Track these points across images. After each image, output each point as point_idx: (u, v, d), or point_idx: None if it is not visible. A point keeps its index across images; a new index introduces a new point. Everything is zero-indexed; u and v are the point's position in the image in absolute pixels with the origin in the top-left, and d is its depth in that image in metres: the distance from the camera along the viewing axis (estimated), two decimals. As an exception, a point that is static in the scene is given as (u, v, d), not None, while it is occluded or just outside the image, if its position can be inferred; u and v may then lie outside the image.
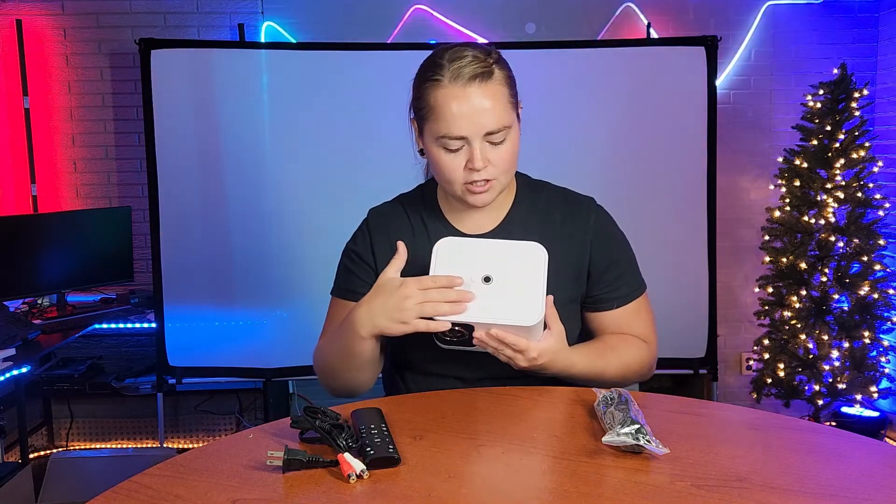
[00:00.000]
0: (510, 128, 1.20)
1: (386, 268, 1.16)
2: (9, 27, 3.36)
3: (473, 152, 1.17)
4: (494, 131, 1.17)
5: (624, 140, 3.14)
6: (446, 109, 1.16)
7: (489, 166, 1.19)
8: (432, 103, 1.18)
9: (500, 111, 1.17)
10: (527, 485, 0.88)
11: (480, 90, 1.16)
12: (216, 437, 3.46)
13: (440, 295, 1.09)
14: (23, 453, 2.93)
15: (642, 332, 1.32)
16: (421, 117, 1.22)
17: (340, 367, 1.24)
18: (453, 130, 1.17)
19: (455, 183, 1.22)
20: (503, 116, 1.18)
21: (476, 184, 1.20)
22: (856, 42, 3.54)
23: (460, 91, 1.16)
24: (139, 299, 3.33)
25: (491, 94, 1.17)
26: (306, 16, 3.43)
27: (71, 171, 3.48)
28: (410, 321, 1.10)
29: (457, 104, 1.16)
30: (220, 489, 0.87)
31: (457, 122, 1.16)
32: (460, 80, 1.16)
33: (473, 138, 1.17)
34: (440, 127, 1.18)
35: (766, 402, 3.31)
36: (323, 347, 1.30)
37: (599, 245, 1.30)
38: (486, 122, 1.16)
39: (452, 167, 1.20)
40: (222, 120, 3.08)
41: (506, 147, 1.20)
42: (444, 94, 1.16)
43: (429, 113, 1.19)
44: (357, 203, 1.46)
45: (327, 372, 1.28)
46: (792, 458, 0.94)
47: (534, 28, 3.47)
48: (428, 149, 1.23)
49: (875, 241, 3.14)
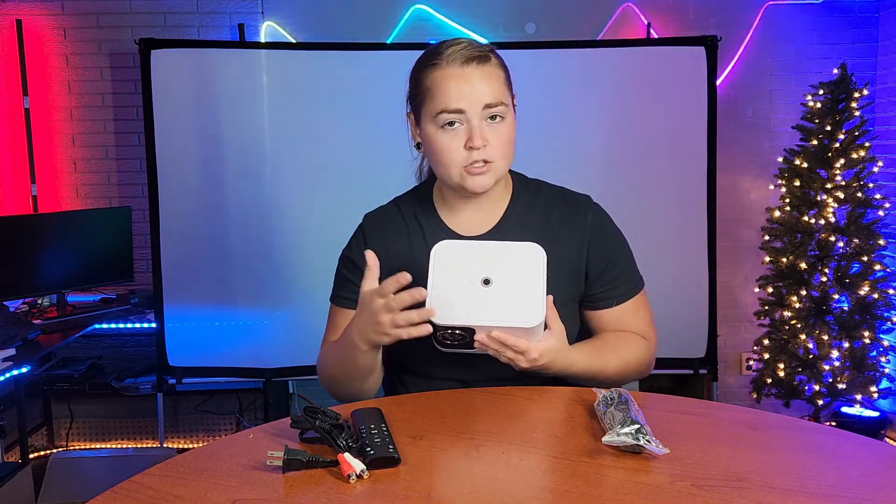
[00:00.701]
0: (507, 107, 1.22)
1: (362, 282, 1.15)
2: (9, 27, 3.36)
3: (472, 129, 1.19)
4: (492, 104, 1.19)
5: (624, 140, 3.14)
6: (444, 86, 1.19)
7: (488, 146, 1.20)
8: (429, 84, 1.21)
9: (497, 88, 1.20)
10: (527, 485, 0.88)
11: (478, 70, 1.19)
12: (216, 437, 3.46)
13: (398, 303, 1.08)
14: (23, 453, 2.93)
15: (641, 330, 1.33)
16: (418, 103, 1.24)
17: (343, 377, 1.25)
18: (451, 103, 1.18)
19: (453, 165, 1.21)
20: (500, 93, 1.21)
21: (475, 164, 1.20)
22: (856, 42, 3.54)
23: (458, 70, 1.19)
24: (139, 299, 3.33)
25: (488, 75, 1.20)
26: (306, 16, 3.43)
27: (71, 171, 3.48)
28: (389, 332, 1.10)
29: (455, 81, 1.19)
30: (220, 489, 0.87)
31: (454, 95, 1.18)
32: (458, 61, 1.19)
33: (472, 114, 1.19)
34: (438, 103, 1.19)
35: (766, 402, 3.31)
36: (325, 358, 1.31)
37: (597, 243, 1.30)
38: (483, 95, 1.19)
39: (451, 148, 1.20)
40: (222, 120, 3.08)
41: (504, 128, 1.21)
42: (441, 73, 1.20)
43: (426, 94, 1.21)
44: (356, 203, 1.46)
45: (331, 381, 1.29)
46: (792, 458, 0.94)
47: (534, 28, 3.47)
48: (426, 134, 1.24)
49: (875, 241, 3.14)
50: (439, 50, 1.21)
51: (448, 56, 1.20)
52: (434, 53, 1.22)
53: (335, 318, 1.34)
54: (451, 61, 1.19)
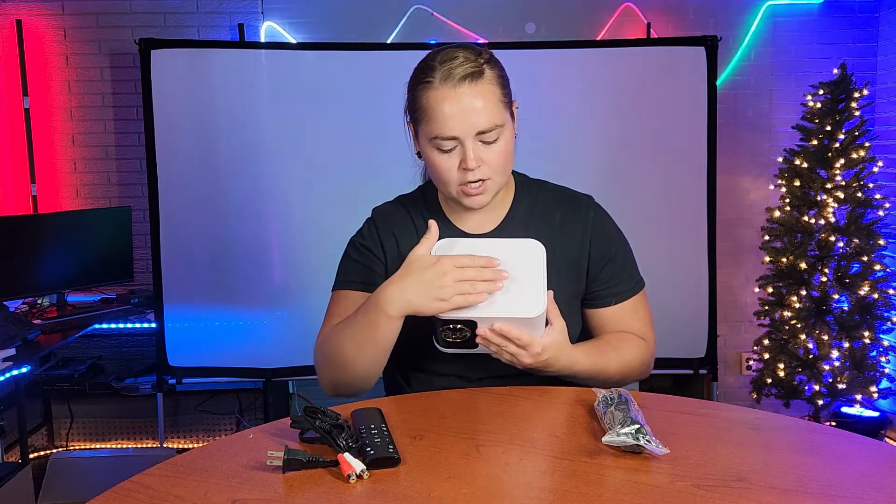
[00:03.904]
0: (502, 126, 1.20)
1: (416, 246, 1.14)
2: (9, 27, 3.36)
3: (466, 152, 1.18)
4: (486, 130, 1.18)
5: (624, 140, 3.14)
6: (438, 110, 1.17)
7: (483, 166, 1.19)
8: (424, 105, 1.19)
9: (491, 110, 1.18)
10: (527, 485, 0.88)
11: (471, 90, 1.17)
12: (216, 437, 3.46)
13: (477, 273, 1.09)
14: (23, 453, 2.93)
15: (640, 330, 1.33)
16: (415, 119, 1.23)
17: (355, 355, 1.18)
18: (445, 131, 1.17)
19: (450, 184, 1.22)
20: (494, 115, 1.18)
21: (470, 185, 1.20)
22: (856, 42, 3.54)
23: (451, 92, 1.17)
24: (139, 299, 3.33)
25: (482, 94, 1.17)
26: (306, 16, 3.43)
27: (71, 171, 3.48)
28: (449, 298, 1.08)
29: (448, 105, 1.17)
30: (220, 489, 0.87)
31: (448, 123, 1.17)
32: (451, 81, 1.17)
33: (465, 138, 1.18)
34: (433, 128, 1.18)
35: (766, 402, 3.31)
36: (332, 336, 1.22)
37: (598, 242, 1.31)
38: (477, 122, 1.17)
39: (446, 168, 1.20)
40: (222, 120, 3.08)
41: (499, 146, 1.20)
42: (435, 95, 1.17)
43: (422, 115, 1.20)
44: (357, 203, 1.46)
45: (336, 363, 1.21)
46: (792, 458, 0.94)
47: (534, 28, 3.46)
48: (423, 150, 1.24)
49: (875, 241, 3.14)
50: (433, 64, 1.19)
51: (441, 74, 1.17)
52: (428, 69, 1.19)
53: (340, 303, 1.31)
54: (444, 80, 1.17)
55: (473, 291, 1.08)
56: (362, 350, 1.17)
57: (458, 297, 1.08)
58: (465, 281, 1.09)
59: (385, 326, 1.13)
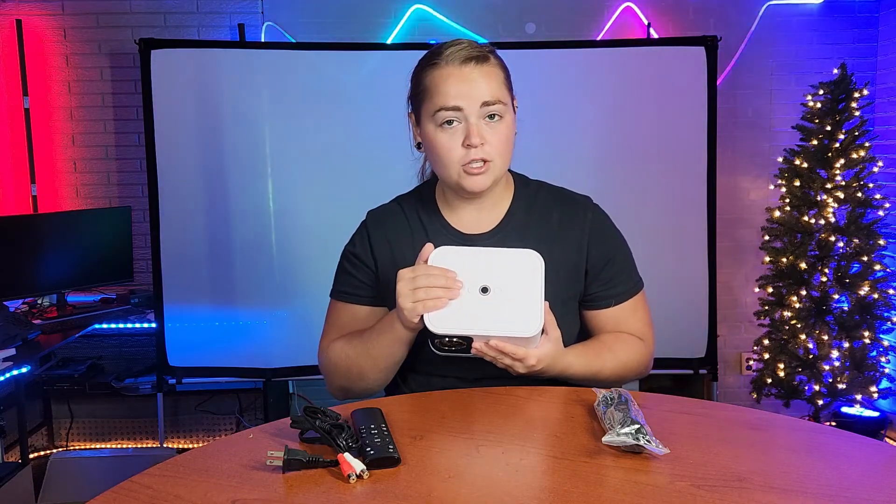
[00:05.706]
0: (506, 106, 1.22)
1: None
2: (9, 27, 3.36)
3: (470, 127, 1.19)
4: (490, 102, 1.19)
5: (624, 140, 3.14)
6: (442, 85, 1.20)
7: (486, 145, 1.20)
8: (428, 84, 1.22)
9: (495, 86, 1.21)
10: (527, 485, 0.88)
11: (477, 69, 1.20)
12: (216, 437, 3.46)
13: (428, 280, 1.09)
14: (23, 453, 2.93)
15: (639, 330, 1.33)
16: (418, 102, 1.24)
17: (371, 367, 1.24)
18: (449, 101, 1.19)
19: (452, 165, 1.22)
20: (499, 91, 1.21)
21: (473, 164, 1.20)
22: (856, 42, 3.54)
23: (456, 70, 1.20)
24: (139, 299, 3.33)
25: (486, 73, 1.21)
26: (306, 16, 3.43)
27: (71, 171, 3.47)
28: (411, 308, 1.10)
29: (453, 80, 1.20)
30: (220, 489, 0.87)
31: (453, 93, 1.19)
32: (457, 61, 1.20)
33: (470, 112, 1.19)
34: (436, 101, 1.20)
35: (766, 402, 3.31)
36: (346, 350, 1.26)
37: (596, 243, 1.31)
38: (481, 93, 1.19)
39: (449, 146, 1.21)
40: (222, 120, 3.08)
41: (502, 127, 1.21)
42: (440, 73, 1.21)
43: (425, 94, 1.22)
44: (357, 203, 1.46)
45: (351, 375, 1.26)
46: (792, 458, 0.94)
47: (534, 28, 3.46)
48: (425, 133, 1.24)
49: (875, 241, 3.14)
50: (440, 50, 1.22)
51: (448, 56, 1.20)
52: (434, 53, 1.23)
53: (336, 313, 1.34)
54: (450, 61, 1.20)
55: (428, 298, 1.09)
56: (380, 364, 1.24)
57: (417, 304, 1.09)
58: (419, 289, 1.09)
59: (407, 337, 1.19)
